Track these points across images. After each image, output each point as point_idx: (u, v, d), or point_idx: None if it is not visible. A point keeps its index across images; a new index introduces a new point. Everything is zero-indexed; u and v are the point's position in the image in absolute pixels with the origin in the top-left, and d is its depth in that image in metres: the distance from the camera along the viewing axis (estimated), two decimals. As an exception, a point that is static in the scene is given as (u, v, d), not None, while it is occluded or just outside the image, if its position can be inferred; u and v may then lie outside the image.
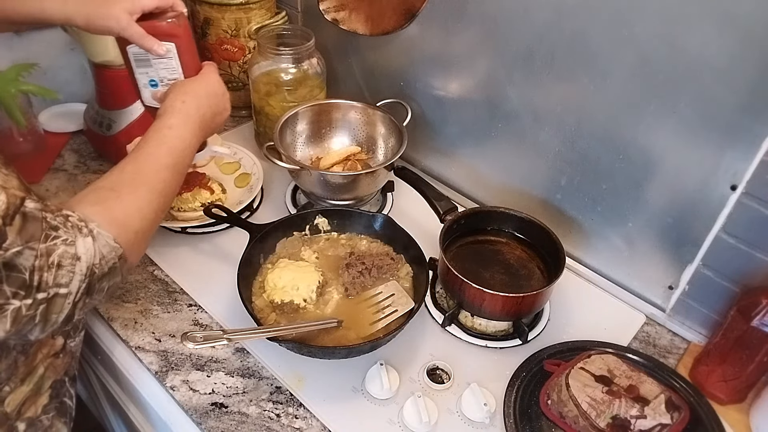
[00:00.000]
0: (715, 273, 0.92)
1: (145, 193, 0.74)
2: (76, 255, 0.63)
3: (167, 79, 0.92)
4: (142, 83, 0.94)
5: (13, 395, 0.76)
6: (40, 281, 0.61)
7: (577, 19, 0.91)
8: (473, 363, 0.93)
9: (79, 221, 0.65)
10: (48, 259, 0.61)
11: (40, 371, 0.80)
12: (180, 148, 0.80)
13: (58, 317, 0.64)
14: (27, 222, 0.60)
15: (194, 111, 0.83)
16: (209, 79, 0.89)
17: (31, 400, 0.79)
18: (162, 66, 0.91)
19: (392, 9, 1.14)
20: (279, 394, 0.88)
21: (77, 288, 0.64)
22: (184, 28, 0.90)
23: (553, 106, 1.01)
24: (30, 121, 1.24)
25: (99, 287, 0.67)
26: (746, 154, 0.82)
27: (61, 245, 0.62)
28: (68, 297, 0.64)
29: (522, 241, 1.05)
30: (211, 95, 0.87)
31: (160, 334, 0.95)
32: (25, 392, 0.78)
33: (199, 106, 0.84)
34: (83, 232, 0.65)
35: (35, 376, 0.79)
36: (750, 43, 0.76)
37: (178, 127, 0.81)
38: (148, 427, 1.02)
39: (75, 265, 0.63)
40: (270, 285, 0.93)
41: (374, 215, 1.05)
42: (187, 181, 1.10)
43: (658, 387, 0.81)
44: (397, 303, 0.93)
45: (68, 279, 0.63)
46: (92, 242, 0.65)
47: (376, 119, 1.22)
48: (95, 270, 0.66)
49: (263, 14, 1.32)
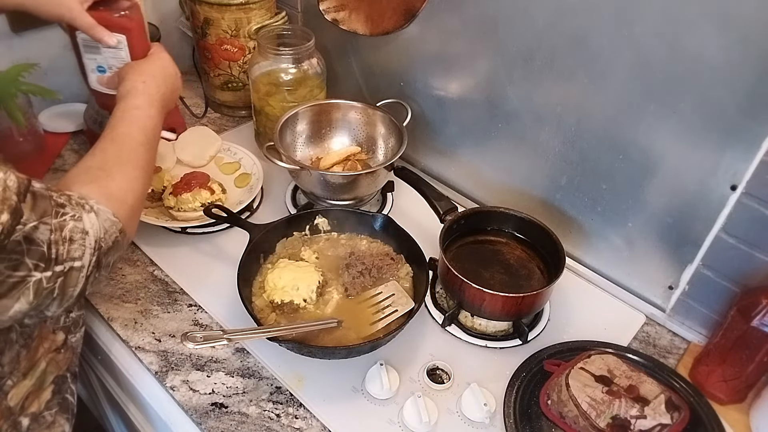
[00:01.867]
0: (715, 273, 0.92)
1: (131, 169, 0.78)
2: (84, 230, 0.67)
3: (115, 66, 0.95)
4: (89, 68, 0.97)
5: (16, 389, 0.76)
6: (57, 254, 0.64)
7: (577, 19, 0.91)
8: (473, 363, 0.93)
9: (80, 198, 0.69)
10: (61, 234, 0.64)
11: (42, 366, 0.80)
12: (150, 126, 0.84)
13: (74, 291, 0.67)
14: (37, 199, 0.62)
15: (155, 90, 0.87)
16: (162, 59, 0.94)
17: (34, 395, 0.79)
18: (111, 55, 0.93)
19: (392, 9, 1.14)
20: (279, 394, 0.88)
21: (89, 261, 0.68)
22: (136, 21, 0.91)
23: (553, 106, 1.01)
24: (30, 121, 1.24)
25: (105, 261, 0.71)
26: (746, 154, 0.82)
27: (70, 221, 0.65)
28: (82, 270, 0.67)
29: (522, 241, 1.05)
30: (167, 75, 0.92)
31: (160, 334, 0.95)
32: (28, 386, 0.78)
33: (158, 86, 0.88)
34: (86, 209, 0.68)
35: (37, 371, 0.79)
36: (750, 43, 0.76)
37: (145, 108, 0.84)
38: (148, 427, 1.02)
39: (85, 239, 0.67)
40: (270, 285, 0.93)
41: (374, 215, 1.05)
42: (188, 181, 1.10)
43: (658, 387, 0.81)
44: (397, 303, 0.93)
45: (81, 252, 0.66)
46: (96, 217, 0.69)
47: (376, 119, 1.22)
48: (102, 244, 0.69)
49: (263, 14, 1.32)
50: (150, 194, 1.11)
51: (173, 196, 1.09)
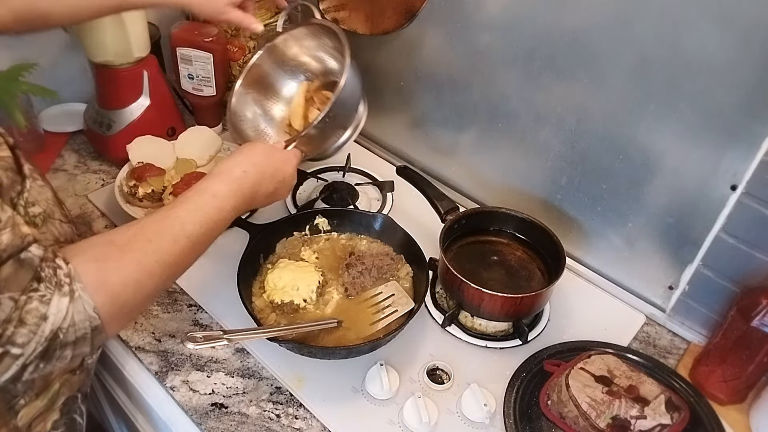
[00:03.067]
0: (715, 273, 0.92)
1: (152, 262, 0.66)
2: (44, 315, 0.57)
3: (202, 75, 1.25)
4: (182, 74, 1.27)
5: (26, 409, 0.74)
6: (2, 335, 0.55)
7: (577, 19, 0.91)
8: (473, 363, 0.93)
9: (65, 276, 0.59)
10: (19, 314, 0.56)
11: (55, 387, 0.77)
12: (214, 220, 0.73)
13: (1, 376, 0.58)
14: (20, 268, 0.56)
15: (249, 186, 0.78)
16: (286, 164, 0.85)
17: (43, 415, 0.77)
18: (200, 66, 1.24)
19: (392, 9, 1.14)
20: (279, 395, 0.88)
21: (32, 350, 0.57)
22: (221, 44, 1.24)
23: (553, 106, 1.01)
24: (30, 121, 1.24)
25: (60, 354, 0.60)
26: (746, 154, 0.82)
27: (35, 301, 0.56)
28: (18, 358, 0.57)
29: (523, 242, 1.05)
30: (277, 179, 0.83)
31: (160, 335, 0.95)
32: (39, 407, 0.76)
33: (257, 183, 0.80)
34: (63, 291, 0.58)
35: (50, 392, 0.77)
36: (750, 43, 0.76)
37: (223, 198, 0.75)
38: (148, 427, 1.02)
39: (39, 325, 0.57)
40: (270, 285, 0.93)
41: (374, 215, 1.05)
42: (188, 182, 1.10)
43: (658, 387, 0.81)
44: (397, 303, 0.93)
45: (26, 339, 0.57)
46: (68, 303, 0.58)
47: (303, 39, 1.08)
48: (59, 335, 0.58)
49: (263, 14, 1.32)
50: (150, 194, 1.11)
51: (173, 196, 1.09)
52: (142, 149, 1.17)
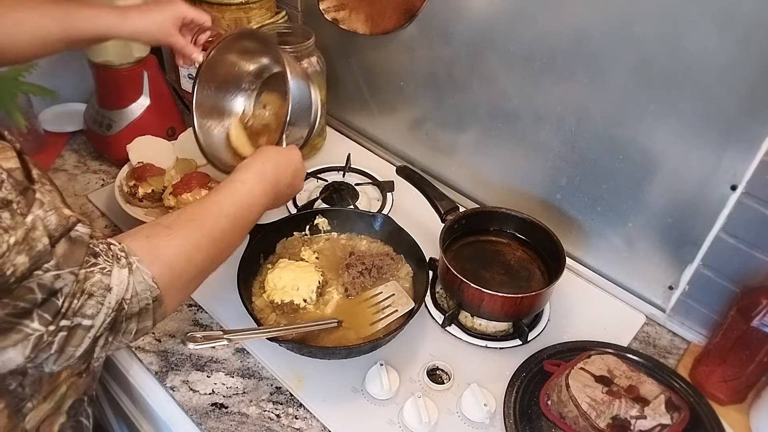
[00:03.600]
0: (715, 273, 0.92)
1: (198, 237, 0.70)
2: (108, 286, 0.60)
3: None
4: (182, 74, 1.30)
5: (34, 412, 0.74)
6: (69, 308, 0.58)
7: (577, 20, 0.91)
8: (473, 363, 0.93)
9: (120, 251, 0.62)
10: (83, 286, 0.58)
11: (62, 390, 0.78)
12: (248, 203, 0.79)
13: (75, 351, 0.60)
14: (73, 245, 0.58)
15: (271, 174, 0.84)
16: (294, 155, 0.90)
17: (50, 418, 0.77)
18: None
19: (392, 8, 1.14)
20: (279, 395, 0.88)
21: (101, 322, 0.60)
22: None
23: (553, 106, 1.01)
24: (30, 121, 1.24)
25: (126, 328, 0.63)
26: (746, 154, 0.82)
27: (97, 273, 0.59)
28: (90, 330, 0.60)
29: (523, 242, 1.05)
30: (292, 169, 0.88)
31: (160, 335, 0.95)
32: (46, 410, 0.76)
33: (277, 173, 0.85)
34: (121, 263, 0.61)
35: (57, 395, 0.77)
36: (750, 43, 0.76)
37: (252, 183, 0.81)
38: (149, 427, 1.02)
39: (105, 296, 0.60)
40: (270, 285, 0.93)
41: (374, 215, 1.05)
42: (188, 182, 1.10)
43: (658, 387, 0.81)
44: (397, 303, 0.93)
45: (95, 311, 0.59)
46: (128, 275, 0.61)
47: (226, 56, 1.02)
48: (124, 305, 0.61)
49: (263, 14, 1.32)
50: (150, 194, 1.11)
51: (173, 196, 1.09)
52: (142, 149, 1.17)
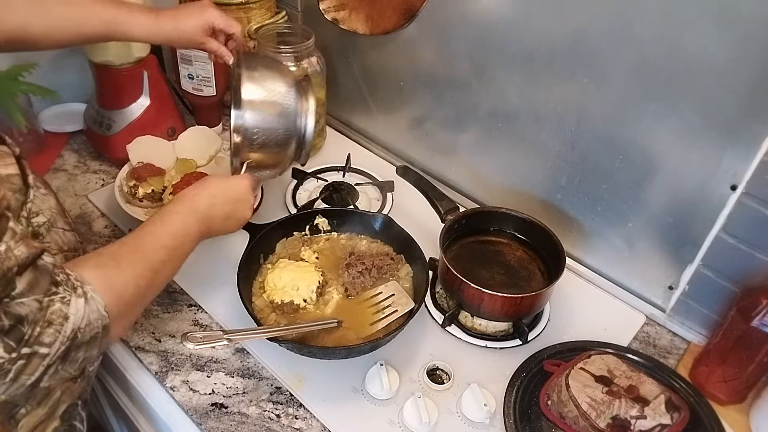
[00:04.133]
0: (715, 273, 0.92)
1: (142, 268, 0.73)
2: (66, 315, 0.61)
3: (202, 75, 1.25)
4: (182, 74, 1.27)
5: (28, 418, 0.74)
6: (31, 335, 0.59)
7: (577, 20, 0.91)
8: (473, 363, 0.93)
9: (76, 281, 0.64)
10: (45, 314, 0.60)
11: (56, 395, 0.78)
12: (182, 233, 0.80)
13: (27, 379, 0.61)
14: (39, 274, 0.60)
15: (204, 207, 0.84)
16: (238, 186, 0.89)
17: (44, 423, 0.77)
18: (200, 67, 1.24)
19: (392, 9, 1.14)
20: (279, 395, 0.88)
21: (56, 350, 0.61)
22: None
23: (553, 106, 1.01)
24: (30, 121, 1.24)
25: (74, 356, 0.64)
26: (746, 154, 0.82)
27: (57, 302, 0.61)
28: (45, 359, 0.61)
29: (523, 242, 1.05)
30: (231, 200, 0.88)
31: (160, 334, 0.95)
32: (40, 415, 0.76)
33: (212, 205, 0.85)
34: (78, 292, 0.63)
35: (51, 400, 0.77)
36: (750, 43, 0.76)
37: (185, 215, 0.81)
38: (148, 427, 1.02)
39: (63, 325, 0.61)
40: (270, 285, 0.93)
41: (374, 215, 1.05)
42: (188, 182, 1.10)
43: (658, 387, 0.81)
44: (397, 303, 0.93)
45: (52, 339, 0.61)
46: (83, 304, 0.63)
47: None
48: (78, 335, 0.63)
49: (263, 14, 1.32)
50: (150, 194, 1.11)
51: (173, 196, 1.09)
52: (142, 149, 1.17)
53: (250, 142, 0.92)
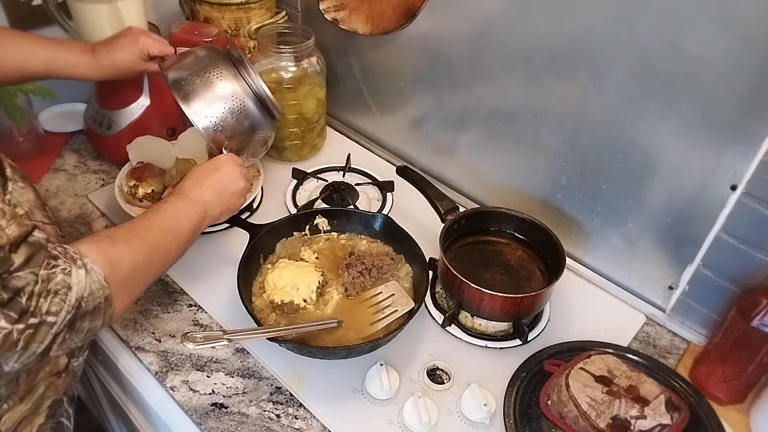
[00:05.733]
0: (715, 273, 0.92)
1: (137, 244, 0.75)
2: (69, 285, 0.64)
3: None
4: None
5: (10, 413, 0.75)
6: (36, 307, 0.61)
7: (577, 19, 0.91)
8: (473, 363, 0.93)
9: (75, 254, 0.67)
10: (47, 286, 0.62)
11: (40, 390, 0.79)
12: (174, 215, 0.82)
13: (38, 347, 0.63)
14: (32, 249, 0.61)
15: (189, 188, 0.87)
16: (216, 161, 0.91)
17: (28, 419, 0.78)
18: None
19: (392, 9, 1.14)
20: (279, 395, 0.88)
21: (63, 319, 0.64)
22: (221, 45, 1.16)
23: (553, 106, 1.01)
24: (30, 121, 1.24)
25: (80, 326, 0.67)
26: (746, 154, 0.82)
27: (59, 273, 0.63)
28: (53, 327, 0.63)
29: (523, 242, 1.05)
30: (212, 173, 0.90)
31: (160, 335, 0.95)
32: (23, 411, 0.77)
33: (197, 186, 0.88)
34: (77, 264, 0.66)
35: (35, 395, 0.78)
36: (750, 43, 0.76)
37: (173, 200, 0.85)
38: (148, 427, 1.02)
39: (67, 294, 0.64)
40: (270, 285, 0.93)
41: (374, 215, 1.05)
42: (187, 181, 1.10)
43: (658, 387, 0.81)
44: (397, 303, 0.93)
45: (59, 308, 0.63)
46: (85, 274, 0.66)
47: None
48: (82, 303, 0.65)
49: (263, 14, 1.32)
50: (150, 194, 1.11)
51: (173, 196, 1.09)
52: (142, 149, 1.17)
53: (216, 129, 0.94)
